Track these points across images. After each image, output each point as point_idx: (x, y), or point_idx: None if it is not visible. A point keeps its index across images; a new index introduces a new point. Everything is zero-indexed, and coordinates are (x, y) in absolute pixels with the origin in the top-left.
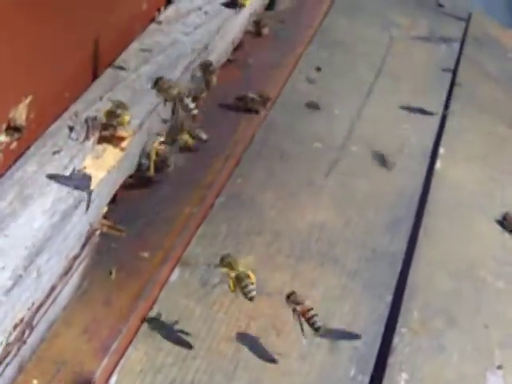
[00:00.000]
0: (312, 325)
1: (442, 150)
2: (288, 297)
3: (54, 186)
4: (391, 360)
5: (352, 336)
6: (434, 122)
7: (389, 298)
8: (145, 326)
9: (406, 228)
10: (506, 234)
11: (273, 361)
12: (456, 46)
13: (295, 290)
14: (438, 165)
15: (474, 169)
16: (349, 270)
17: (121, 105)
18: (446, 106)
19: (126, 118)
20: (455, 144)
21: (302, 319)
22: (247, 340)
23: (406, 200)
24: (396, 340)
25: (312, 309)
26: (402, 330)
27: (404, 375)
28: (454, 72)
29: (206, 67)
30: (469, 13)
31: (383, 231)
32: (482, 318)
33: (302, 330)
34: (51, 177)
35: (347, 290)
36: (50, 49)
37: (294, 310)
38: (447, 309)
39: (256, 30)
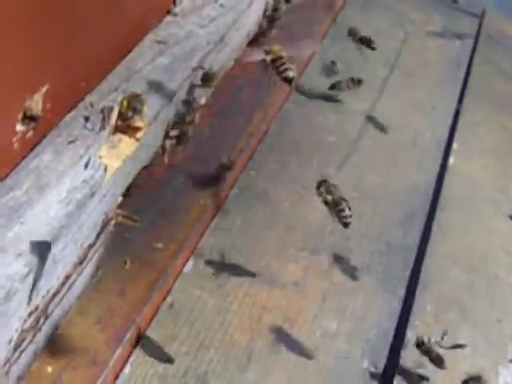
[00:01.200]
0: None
1: (455, 145)
2: (318, 187)
3: (70, 175)
4: (404, 353)
5: None
6: (448, 117)
7: (402, 292)
8: (159, 315)
9: (420, 222)
10: None
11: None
12: (470, 42)
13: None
14: (452, 160)
15: (487, 164)
16: (362, 264)
17: (137, 96)
18: (460, 102)
19: (145, 108)
20: (468, 139)
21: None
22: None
23: (420, 194)
24: (409, 333)
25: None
26: (415, 323)
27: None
28: (468, 68)
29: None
30: (483, 9)
31: (397, 225)
32: (495, 312)
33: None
34: None
35: (360, 283)
36: (66, 38)
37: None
38: (460, 303)
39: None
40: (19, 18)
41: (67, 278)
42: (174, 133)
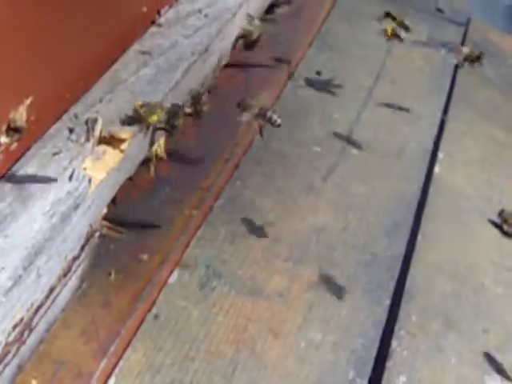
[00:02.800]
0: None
1: (440, 155)
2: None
3: (54, 187)
4: (389, 363)
5: None
6: (433, 126)
7: (387, 302)
8: (143, 327)
9: (405, 232)
10: (504, 239)
11: None
12: None
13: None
14: (437, 169)
15: (473, 173)
16: (347, 274)
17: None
18: (445, 111)
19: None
20: (454, 149)
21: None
22: None
23: (405, 204)
24: (394, 343)
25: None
26: (400, 333)
27: (402, 378)
28: (453, 77)
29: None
30: (468, 18)
31: (382, 235)
32: (481, 322)
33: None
34: None
35: (345, 293)
36: (50, 50)
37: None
38: (446, 312)
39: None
40: (2, 30)
41: (51, 290)
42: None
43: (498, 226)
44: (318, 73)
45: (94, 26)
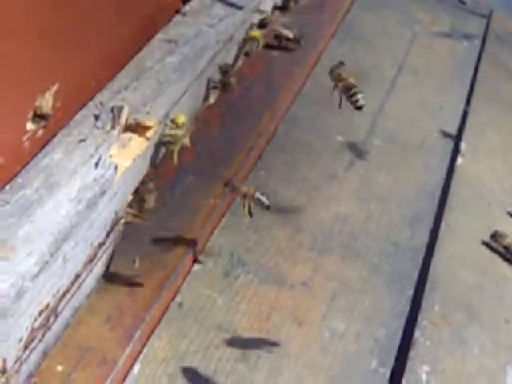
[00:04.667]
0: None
1: (463, 146)
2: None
3: (80, 173)
4: (412, 353)
5: None
6: (455, 117)
7: (410, 292)
8: (168, 314)
9: (428, 222)
10: None
11: None
12: (477, 42)
13: None
14: (459, 160)
15: (495, 165)
16: (370, 264)
17: None
18: (468, 102)
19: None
20: (476, 140)
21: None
22: None
23: (428, 195)
24: (417, 333)
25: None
26: (423, 323)
27: (425, 368)
28: (476, 68)
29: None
30: (490, 10)
31: (405, 225)
32: (503, 312)
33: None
34: None
35: (368, 283)
36: (76, 37)
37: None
38: (468, 303)
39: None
40: (30, 19)
41: (77, 276)
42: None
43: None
44: (341, 63)
45: (120, 13)
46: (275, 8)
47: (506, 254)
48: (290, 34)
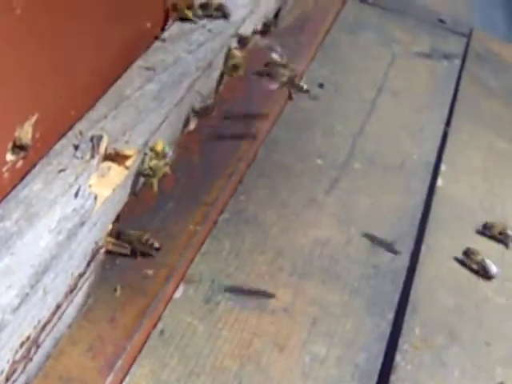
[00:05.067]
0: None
1: (443, 167)
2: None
3: (60, 204)
4: (393, 377)
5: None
6: (436, 138)
7: (391, 315)
8: (149, 342)
9: (408, 245)
10: (507, 251)
11: None
12: (457, 61)
13: None
14: (440, 181)
15: (475, 184)
16: (351, 287)
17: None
18: (448, 122)
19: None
20: (456, 160)
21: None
22: None
23: (408, 217)
24: (398, 357)
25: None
26: (404, 346)
27: None
28: (456, 87)
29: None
30: (470, 28)
31: (386, 248)
32: (484, 334)
33: None
34: None
35: (349, 307)
36: (54, 67)
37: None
38: (449, 325)
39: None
40: (8, 48)
41: (58, 307)
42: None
43: (501, 241)
44: (321, 85)
45: (98, 42)
46: (255, 32)
47: (479, 270)
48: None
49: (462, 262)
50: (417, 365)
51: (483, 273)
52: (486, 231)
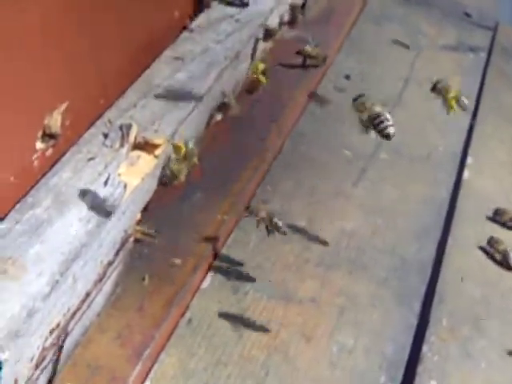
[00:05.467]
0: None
1: (469, 159)
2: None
3: (90, 192)
4: (420, 368)
5: None
6: (462, 130)
7: (417, 306)
8: (177, 331)
9: (435, 236)
10: None
11: None
12: (483, 55)
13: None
14: (466, 173)
15: (501, 177)
16: (378, 278)
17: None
18: (474, 115)
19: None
20: (482, 152)
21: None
22: None
23: (435, 208)
24: (425, 348)
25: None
26: (430, 338)
27: (433, 383)
28: (482, 81)
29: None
30: (496, 22)
31: (412, 239)
32: (510, 326)
33: None
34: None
35: (376, 297)
36: (84, 55)
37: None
38: (475, 317)
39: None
40: (38, 36)
41: (87, 295)
42: None
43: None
44: (347, 77)
45: (127, 31)
46: (281, 23)
47: (502, 261)
48: (314, 52)
49: (485, 250)
50: (444, 356)
51: (505, 263)
52: (496, 217)
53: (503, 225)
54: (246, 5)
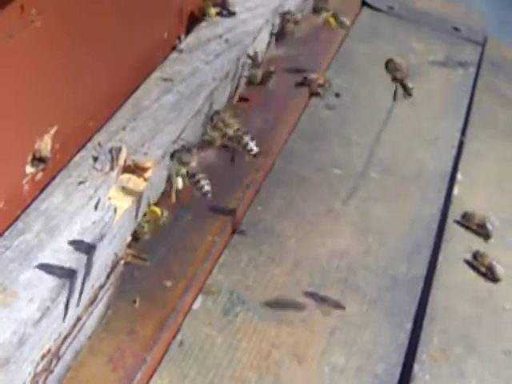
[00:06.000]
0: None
1: (459, 176)
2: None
3: (80, 216)
4: None
5: None
6: (452, 147)
7: (409, 325)
8: (168, 354)
9: (426, 254)
10: None
11: None
12: (472, 70)
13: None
14: (456, 190)
15: (491, 194)
16: (369, 298)
17: None
18: (463, 131)
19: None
20: (472, 169)
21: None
22: None
23: (425, 226)
24: (416, 367)
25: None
26: (422, 357)
27: None
28: (471, 96)
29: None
30: (484, 36)
31: (403, 258)
32: (502, 344)
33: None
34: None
35: (368, 317)
36: (73, 79)
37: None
38: (466, 335)
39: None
40: (27, 61)
41: (78, 319)
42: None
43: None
44: (337, 95)
45: (117, 53)
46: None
47: (487, 272)
48: (321, 80)
49: (471, 265)
50: (435, 375)
51: (491, 276)
52: (463, 221)
53: (469, 229)
54: (233, 14)
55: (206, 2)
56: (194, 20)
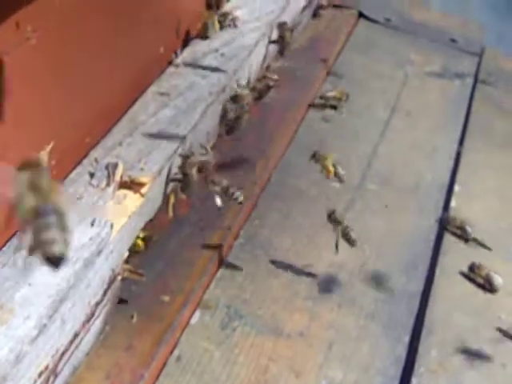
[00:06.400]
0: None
1: (456, 188)
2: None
3: (77, 233)
4: None
5: None
6: (449, 158)
7: (406, 338)
8: (166, 369)
9: (423, 267)
10: None
11: None
12: (470, 80)
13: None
14: (453, 202)
15: (490, 205)
16: (367, 311)
17: None
18: (461, 142)
19: None
20: (470, 180)
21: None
22: None
23: (423, 238)
24: (414, 381)
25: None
26: (420, 369)
27: None
28: (469, 107)
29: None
30: (482, 47)
31: (401, 271)
32: (500, 356)
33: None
34: None
35: (365, 330)
36: (69, 95)
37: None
38: (465, 348)
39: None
40: (23, 78)
41: (76, 335)
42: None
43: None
44: (334, 107)
45: (112, 69)
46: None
47: (485, 283)
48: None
49: (467, 277)
50: None
51: (489, 286)
52: (444, 224)
53: (450, 232)
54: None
55: (211, 16)
56: (191, 35)
